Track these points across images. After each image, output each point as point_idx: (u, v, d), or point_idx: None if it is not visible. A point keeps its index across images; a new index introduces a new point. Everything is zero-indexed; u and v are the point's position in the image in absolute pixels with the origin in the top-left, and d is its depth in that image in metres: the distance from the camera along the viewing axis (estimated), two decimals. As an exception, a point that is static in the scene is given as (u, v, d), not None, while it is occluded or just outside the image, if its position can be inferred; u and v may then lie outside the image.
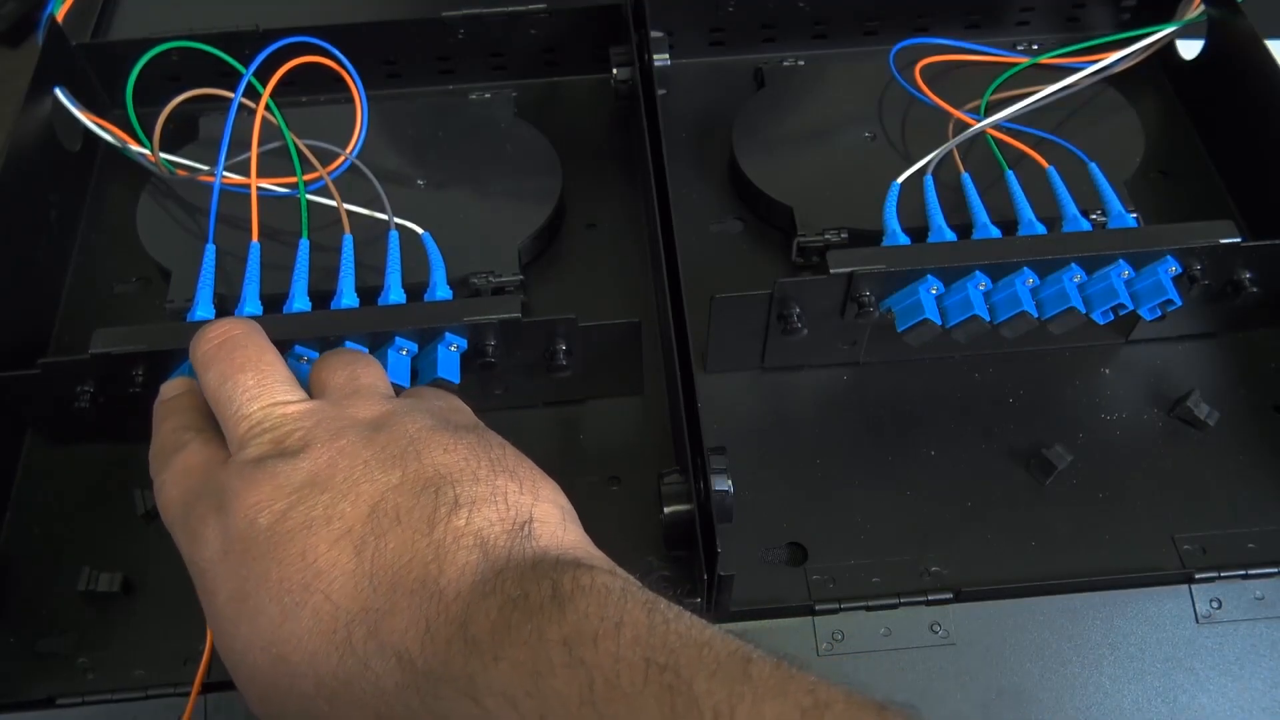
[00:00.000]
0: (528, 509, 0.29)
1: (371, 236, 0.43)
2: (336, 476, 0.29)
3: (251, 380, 0.31)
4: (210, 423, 0.33)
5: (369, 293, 0.41)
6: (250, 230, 0.42)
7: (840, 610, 0.37)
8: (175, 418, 0.33)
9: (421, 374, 0.38)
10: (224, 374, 0.32)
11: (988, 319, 0.39)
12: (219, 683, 0.35)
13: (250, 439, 0.30)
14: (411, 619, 0.26)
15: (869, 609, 0.37)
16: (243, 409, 0.31)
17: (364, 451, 0.29)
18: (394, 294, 0.40)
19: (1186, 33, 0.51)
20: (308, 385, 0.33)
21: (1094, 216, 0.43)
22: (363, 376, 0.33)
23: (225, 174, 0.43)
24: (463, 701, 0.25)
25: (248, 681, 0.28)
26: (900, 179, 0.43)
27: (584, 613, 0.25)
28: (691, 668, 0.24)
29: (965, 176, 0.44)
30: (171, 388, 0.35)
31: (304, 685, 0.27)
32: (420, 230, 0.43)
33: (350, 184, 0.44)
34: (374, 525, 0.28)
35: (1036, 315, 0.39)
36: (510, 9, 0.51)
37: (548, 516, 0.29)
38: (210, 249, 0.42)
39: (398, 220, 0.43)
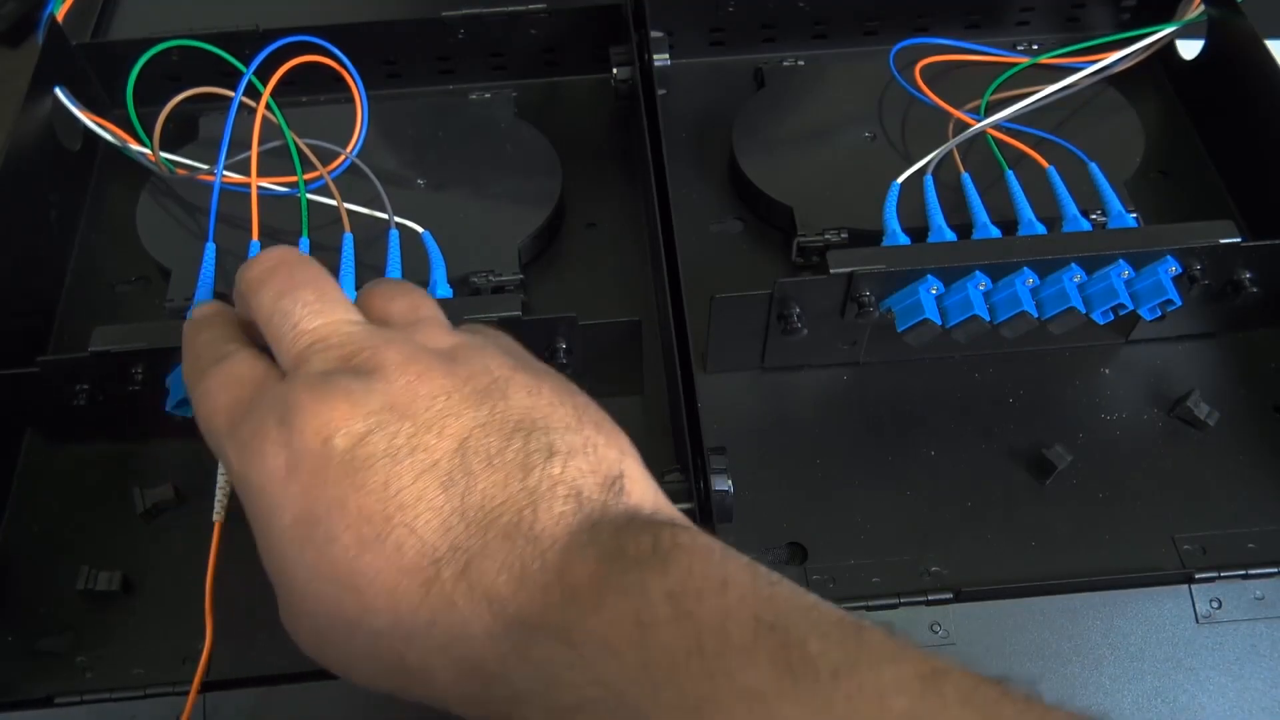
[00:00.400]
0: (617, 464, 0.28)
1: (372, 236, 0.43)
2: (418, 404, 0.27)
3: (312, 295, 0.29)
4: (254, 342, 0.30)
5: (369, 292, 0.41)
6: (250, 229, 0.42)
7: (840, 610, 0.37)
8: (213, 330, 0.31)
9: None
10: (281, 290, 0.29)
11: (988, 319, 0.39)
12: (218, 682, 0.34)
13: (314, 352, 0.28)
14: (505, 562, 0.25)
15: (869, 609, 0.37)
16: (304, 322, 0.28)
17: (445, 381, 0.27)
18: (394, 293, 0.40)
19: (1186, 33, 0.51)
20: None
21: (1094, 216, 0.43)
22: (422, 307, 0.31)
23: (225, 173, 0.43)
24: (560, 649, 0.24)
25: (305, 614, 0.27)
26: (900, 179, 0.43)
27: (687, 568, 0.24)
28: (802, 628, 0.23)
29: (965, 176, 0.44)
30: (203, 309, 0.32)
31: (377, 621, 0.26)
32: (420, 229, 0.43)
33: (350, 183, 0.44)
34: (463, 462, 0.26)
35: (1036, 315, 0.39)
36: (510, 9, 0.51)
37: (636, 475, 0.28)
38: (210, 248, 0.42)
39: (398, 220, 0.43)
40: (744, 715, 0.22)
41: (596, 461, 0.27)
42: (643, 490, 0.28)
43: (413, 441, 0.26)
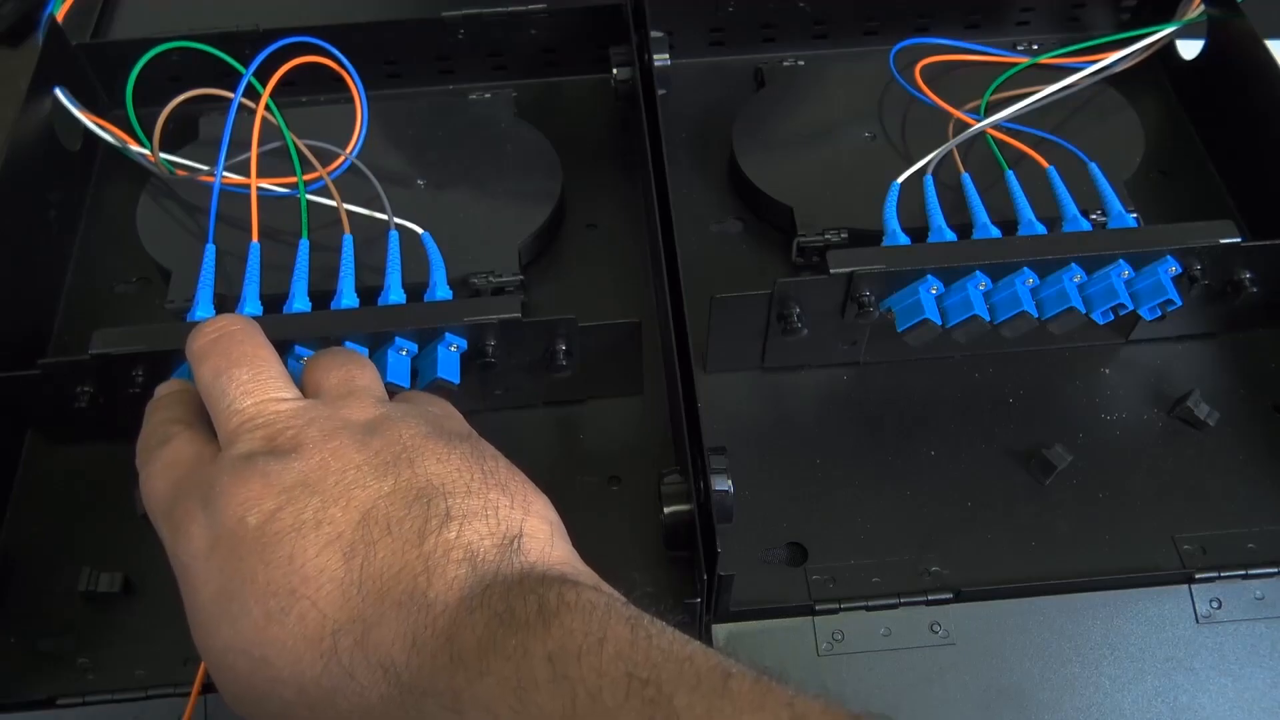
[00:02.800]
0: (518, 524, 0.29)
1: (371, 236, 0.43)
2: (328, 479, 0.29)
3: (246, 375, 0.31)
4: (202, 420, 0.32)
5: (369, 293, 0.41)
6: (250, 230, 0.42)
7: (840, 610, 0.37)
8: (165, 411, 0.33)
9: (421, 374, 0.38)
10: (218, 368, 0.31)
11: (988, 319, 0.39)
12: (219, 683, 0.35)
13: (241, 434, 0.30)
14: (398, 631, 0.26)
15: (869, 609, 0.37)
16: (235, 403, 0.30)
17: (356, 455, 0.29)
18: (394, 294, 0.40)
19: (1186, 33, 0.51)
20: (301, 385, 0.33)
21: (1094, 216, 0.43)
22: (358, 378, 0.33)
23: (225, 174, 0.43)
24: (447, 716, 0.25)
25: (226, 681, 0.28)
26: (900, 179, 0.43)
27: (568, 629, 0.25)
28: (673, 683, 0.24)
29: (965, 176, 0.44)
30: (166, 386, 0.35)
31: (285, 691, 0.27)
32: (420, 230, 0.43)
33: (350, 184, 0.44)
34: (364, 533, 0.28)
35: (1036, 315, 0.39)
36: (510, 9, 0.51)
37: (537, 532, 0.29)
38: (210, 249, 0.42)
39: (398, 220, 0.43)
40: None
41: (495, 523, 0.28)
42: (541, 547, 0.29)
43: (319, 515, 0.28)
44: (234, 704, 0.29)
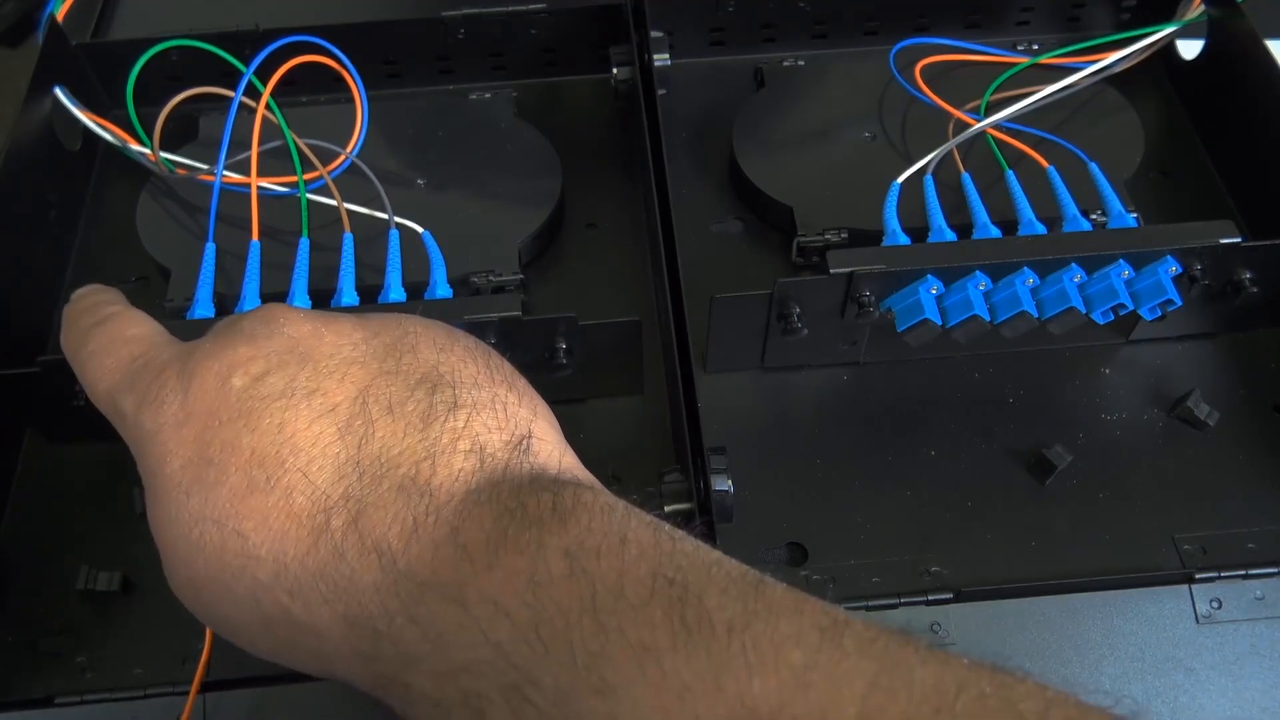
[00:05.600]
0: (526, 423, 0.27)
1: (371, 235, 0.43)
2: (323, 348, 0.26)
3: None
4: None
5: (369, 292, 0.41)
6: (250, 229, 0.42)
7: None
8: (93, 297, 0.31)
9: (421, 373, 0.38)
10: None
11: (988, 319, 0.39)
12: (218, 682, 0.34)
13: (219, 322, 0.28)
14: (397, 515, 0.24)
15: (869, 609, 0.37)
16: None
17: (354, 332, 0.27)
18: (394, 293, 0.40)
19: (1186, 33, 0.51)
20: None
21: (1094, 216, 0.43)
22: None
23: (225, 173, 0.43)
24: (448, 607, 0.23)
25: (186, 561, 0.26)
26: (900, 179, 0.43)
27: (586, 526, 0.23)
28: (701, 583, 0.22)
29: (965, 176, 0.44)
30: (84, 288, 0.33)
31: (259, 571, 0.25)
32: (420, 229, 0.43)
33: (350, 183, 0.44)
34: (363, 410, 0.26)
35: (1036, 315, 0.39)
36: (510, 9, 0.51)
37: (545, 435, 0.28)
38: (210, 248, 0.42)
39: (398, 219, 0.43)
40: (635, 670, 0.21)
41: (504, 419, 0.27)
42: (550, 450, 0.27)
43: (311, 384, 0.26)
44: (189, 590, 0.26)
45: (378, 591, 0.24)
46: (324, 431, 0.25)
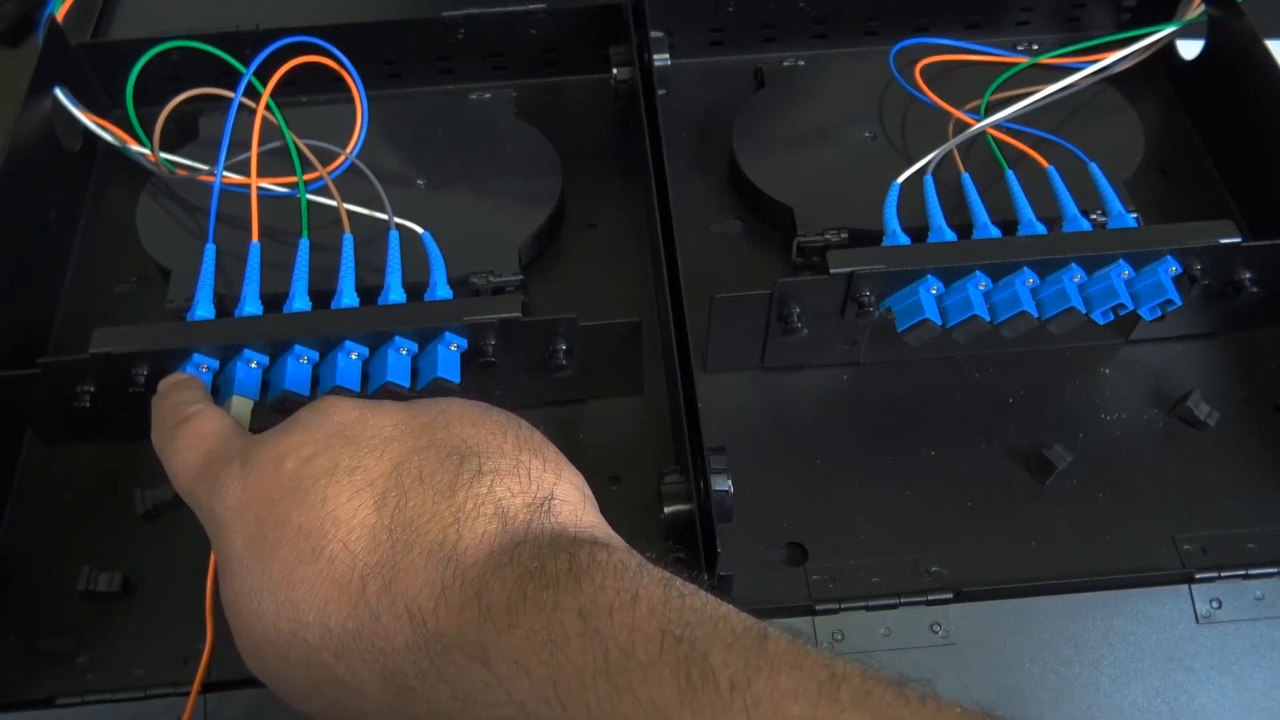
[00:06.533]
0: (549, 486, 0.29)
1: (371, 236, 0.43)
2: (366, 430, 0.29)
3: None
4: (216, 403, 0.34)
5: (369, 292, 0.40)
6: (250, 230, 0.42)
7: (840, 610, 0.37)
8: (177, 395, 0.34)
9: (421, 373, 0.38)
10: None
11: (988, 319, 0.39)
12: (219, 682, 0.35)
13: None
14: (426, 579, 0.26)
15: (869, 609, 0.37)
16: None
17: (395, 415, 0.30)
18: (394, 293, 0.40)
19: (1186, 33, 0.51)
20: None
21: (1094, 216, 0.43)
22: None
23: (225, 174, 0.43)
24: (473, 666, 0.25)
25: (248, 629, 0.28)
26: (900, 179, 0.43)
27: (600, 585, 0.25)
28: (707, 640, 0.24)
29: (965, 176, 0.44)
30: (172, 377, 0.36)
31: (309, 635, 0.27)
32: (420, 230, 0.43)
33: (350, 184, 0.44)
34: (397, 482, 0.28)
35: (1036, 315, 0.39)
36: (510, 9, 0.51)
37: (568, 496, 0.30)
38: (210, 249, 0.42)
39: (398, 220, 0.43)
40: None
41: (527, 483, 0.29)
42: (572, 511, 0.29)
43: (352, 462, 0.28)
44: (253, 655, 0.28)
45: (410, 651, 0.26)
46: (362, 504, 0.28)
